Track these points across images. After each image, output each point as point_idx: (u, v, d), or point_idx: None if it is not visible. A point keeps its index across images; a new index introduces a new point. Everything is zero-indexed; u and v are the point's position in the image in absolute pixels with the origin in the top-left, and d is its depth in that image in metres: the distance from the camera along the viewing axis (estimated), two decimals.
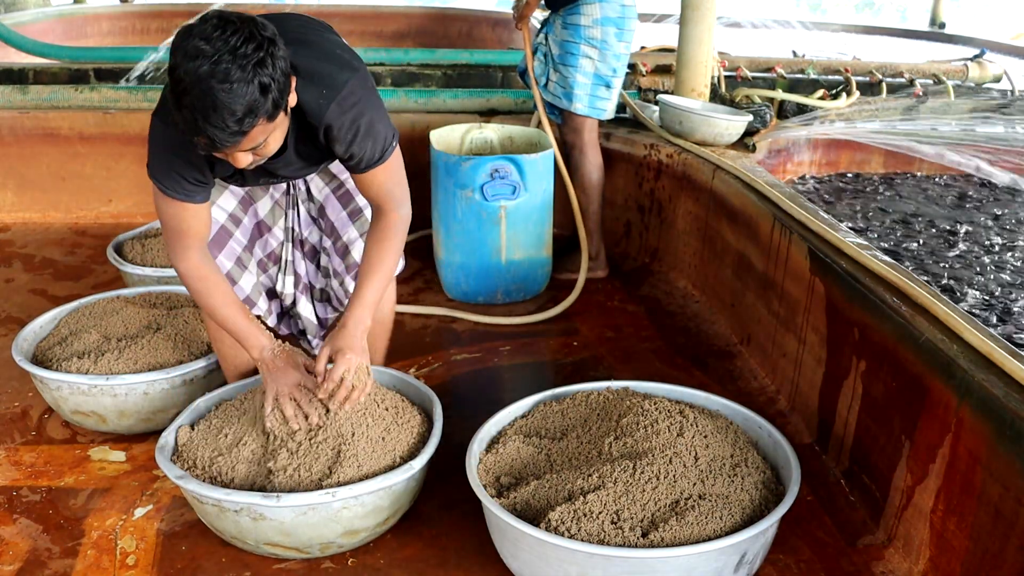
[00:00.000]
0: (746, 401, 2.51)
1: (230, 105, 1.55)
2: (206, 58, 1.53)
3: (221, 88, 1.54)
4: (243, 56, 1.55)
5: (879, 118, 4.33)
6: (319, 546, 1.95)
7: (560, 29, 3.36)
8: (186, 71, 1.54)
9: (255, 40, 1.57)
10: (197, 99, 1.55)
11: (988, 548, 1.71)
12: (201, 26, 1.56)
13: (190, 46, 1.54)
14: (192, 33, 1.56)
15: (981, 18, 11.89)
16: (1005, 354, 1.79)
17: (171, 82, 1.58)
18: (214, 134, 1.59)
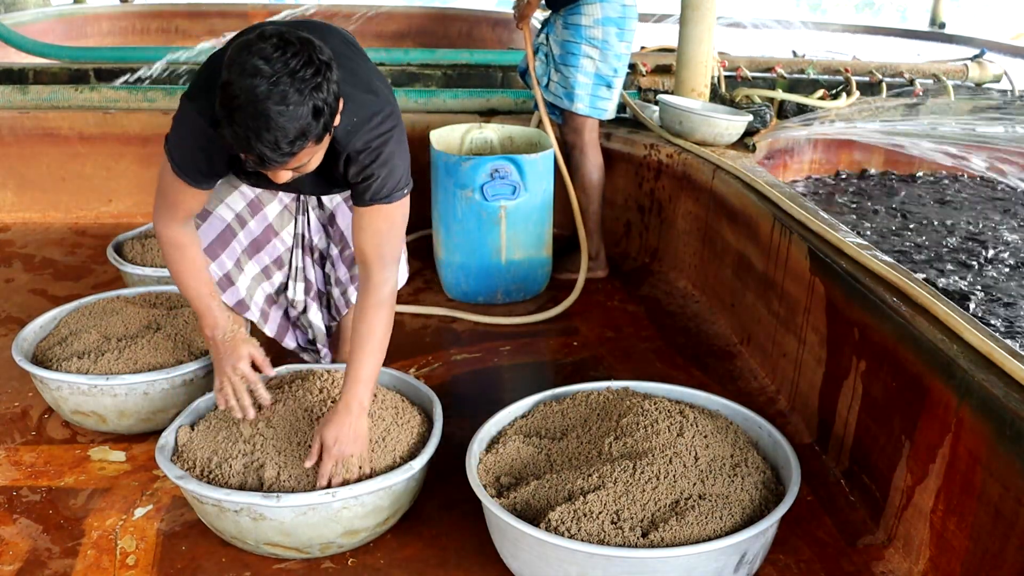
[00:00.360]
0: (746, 401, 2.51)
1: (284, 127, 1.56)
2: (264, 77, 1.53)
3: (277, 110, 1.54)
4: (301, 80, 1.55)
5: (879, 118, 4.34)
6: (319, 546, 1.95)
7: (561, 29, 3.35)
8: (242, 88, 1.53)
9: (313, 64, 1.57)
10: (251, 118, 1.55)
11: (988, 548, 1.71)
12: (260, 44, 1.55)
13: (248, 64, 1.54)
14: (251, 50, 1.55)
15: (981, 18, 11.89)
16: (1005, 354, 1.79)
17: (223, 96, 1.57)
18: (263, 152, 1.59)
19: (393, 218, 2.01)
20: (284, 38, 1.57)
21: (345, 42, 1.99)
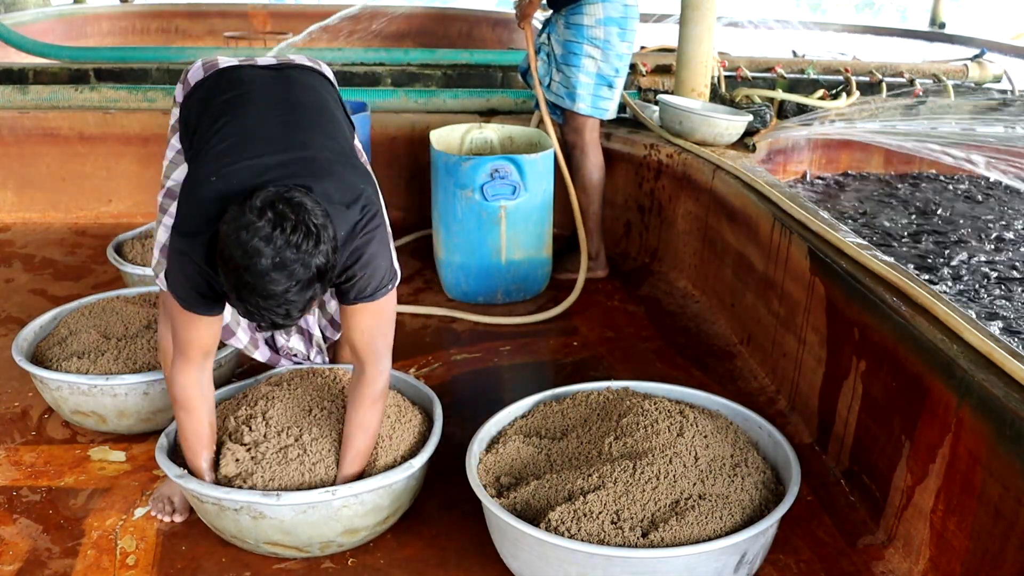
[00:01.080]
0: (746, 401, 2.51)
1: (294, 301, 1.62)
2: (267, 258, 1.57)
3: (285, 287, 1.59)
4: (306, 252, 1.59)
5: (879, 118, 4.34)
6: (319, 545, 1.95)
7: (563, 29, 3.35)
8: (248, 269, 1.57)
9: (312, 233, 1.60)
10: (261, 297, 1.60)
11: (988, 548, 1.71)
12: (256, 222, 1.58)
13: (250, 246, 1.57)
14: (248, 228, 1.57)
15: (981, 18, 11.89)
16: (1005, 354, 1.79)
17: (228, 275, 1.61)
18: (275, 322, 1.66)
19: (380, 313, 1.94)
20: (278, 212, 1.58)
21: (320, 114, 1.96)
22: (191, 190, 1.80)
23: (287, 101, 1.94)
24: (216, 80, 1.98)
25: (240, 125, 1.87)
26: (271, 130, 1.86)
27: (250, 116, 1.89)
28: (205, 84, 1.99)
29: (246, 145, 1.81)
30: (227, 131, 1.85)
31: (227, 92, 1.94)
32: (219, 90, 1.96)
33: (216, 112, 1.91)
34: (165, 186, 2.11)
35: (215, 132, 1.86)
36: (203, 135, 1.88)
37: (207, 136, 1.87)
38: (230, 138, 1.83)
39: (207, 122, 1.90)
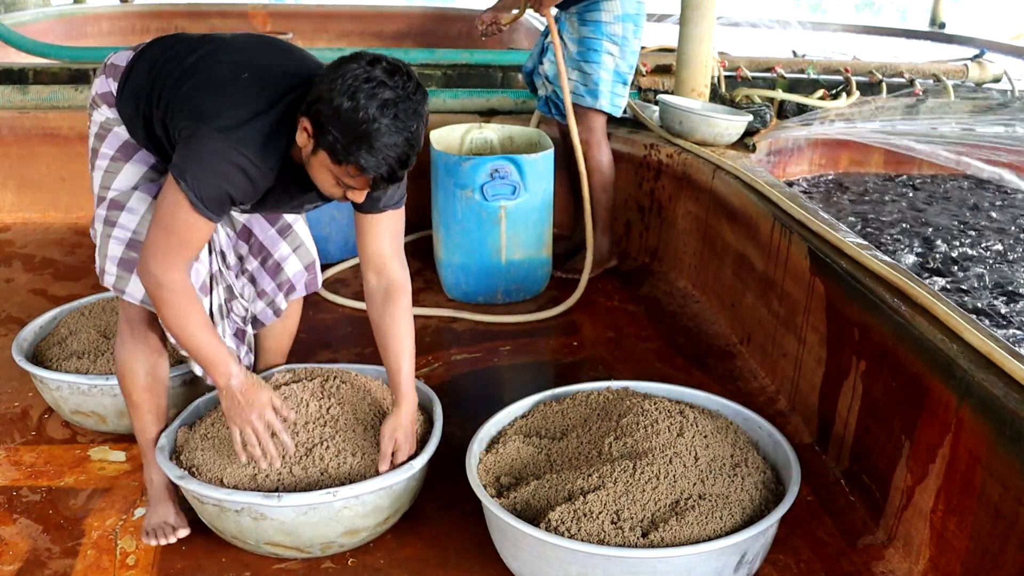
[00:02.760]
0: (746, 401, 2.51)
1: (418, 141, 1.72)
2: (397, 102, 1.65)
3: (412, 125, 1.68)
4: (420, 99, 1.71)
5: (879, 118, 4.33)
6: (320, 546, 1.95)
7: (578, 26, 3.32)
8: (378, 114, 1.63)
9: (414, 80, 1.71)
10: (393, 138, 1.66)
11: (988, 548, 1.72)
12: (373, 70, 1.65)
13: (378, 93, 1.64)
14: (370, 78, 1.64)
15: (981, 18, 11.89)
16: (1005, 354, 1.79)
17: (355, 125, 1.63)
18: (395, 171, 1.72)
19: (401, 218, 2.06)
20: (390, 63, 1.69)
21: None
22: (222, 87, 1.77)
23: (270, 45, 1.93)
24: (163, 45, 1.95)
25: (230, 49, 1.87)
26: (270, 55, 1.87)
27: (236, 50, 1.88)
28: (147, 53, 1.94)
29: (253, 59, 1.83)
30: (218, 53, 1.85)
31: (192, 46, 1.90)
32: (171, 47, 1.92)
33: (186, 58, 1.86)
34: (108, 197, 1.99)
35: (200, 54, 1.84)
36: (178, 72, 1.84)
37: (187, 65, 1.84)
38: (227, 55, 1.84)
39: (176, 68, 1.86)
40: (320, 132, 1.68)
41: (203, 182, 1.75)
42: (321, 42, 7.82)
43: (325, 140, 1.68)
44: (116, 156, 1.99)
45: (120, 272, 1.99)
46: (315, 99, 1.68)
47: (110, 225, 1.99)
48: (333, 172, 1.74)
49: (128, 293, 1.99)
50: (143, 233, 1.94)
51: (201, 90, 1.80)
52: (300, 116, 1.72)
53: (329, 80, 1.66)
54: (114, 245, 1.99)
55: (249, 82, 1.78)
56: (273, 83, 1.78)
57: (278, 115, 1.76)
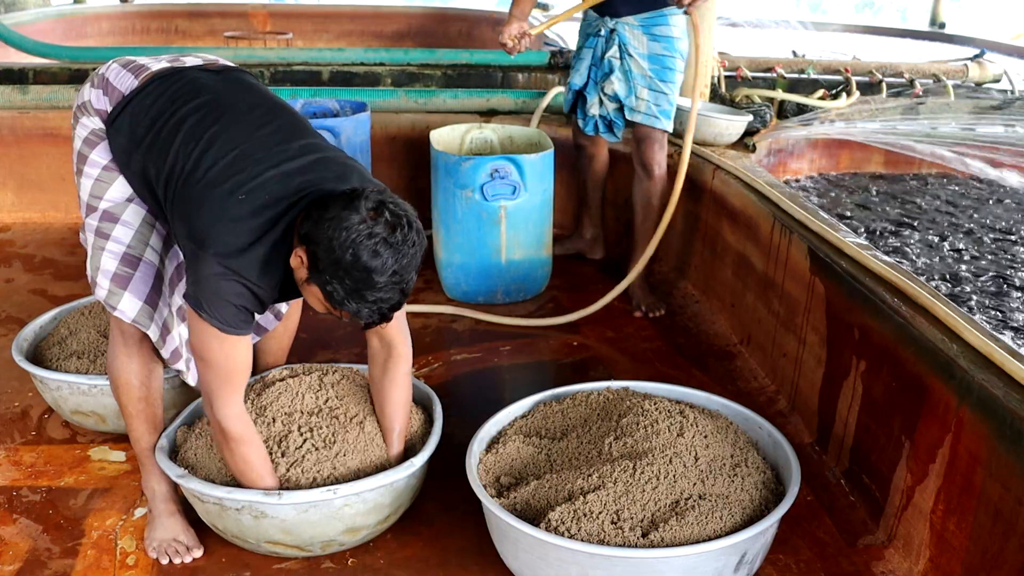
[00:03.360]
0: (746, 401, 2.51)
1: (409, 287, 1.75)
2: (395, 257, 1.67)
3: (409, 278, 1.73)
4: (420, 246, 1.73)
5: (879, 118, 4.33)
6: (320, 544, 1.95)
7: (648, 42, 3.08)
8: (377, 269, 1.66)
9: (416, 228, 1.72)
10: (391, 292, 1.70)
11: (988, 548, 1.71)
12: (375, 226, 1.65)
13: (382, 255, 1.65)
14: (372, 234, 1.65)
15: (981, 18, 11.89)
16: (1005, 354, 1.79)
17: (356, 277, 1.66)
18: (389, 316, 1.76)
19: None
20: (393, 213, 1.68)
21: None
22: (220, 210, 1.74)
23: (261, 105, 1.91)
24: (163, 87, 1.90)
25: (230, 136, 1.81)
26: (268, 137, 1.84)
27: (234, 125, 1.84)
28: (148, 92, 1.89)
29: (253, 156, 1.79)
30: (220, 144, 1.80)
31: (188, 100, 1.86)
32: (174, 99, 1.88)
33: (187, 124, 1.83)
34: (100, 208, 1.95)
35: (203, 146, 1.80)
36: (179, 151, 1.81)
37: (188, 152, 1.80)
38: (229, 151, 1.79)
39: (177, 136, 1.82)
40: (316, 273, 1.70)
41: (217, 306, 1.75)
42: (321, 42, 7.82)
43: (320, 281, 1.69)
44: (109, 166, 1.95)
45: (113, 287, 1.95)
46: (313, 239, 1.68)
47: (103, 237, 1.96)
48: (323, 303, 1.76)
49: (120, 310, 1.95)
50: (137, 248, 1.96)
51: (200, 209, 1.77)
52: (297, 242, 1.73)
53: (330, 227, 1.65)
54: (107, 259, 1.95)
55: (247, 202, 1.75)
56: (271, 199, 1.76)
57: (274, 238, 1.75)
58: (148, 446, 2.06)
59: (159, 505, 2.04)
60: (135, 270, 1.97)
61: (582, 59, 3.27)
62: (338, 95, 3.97)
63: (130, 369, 2.02)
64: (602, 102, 3.27)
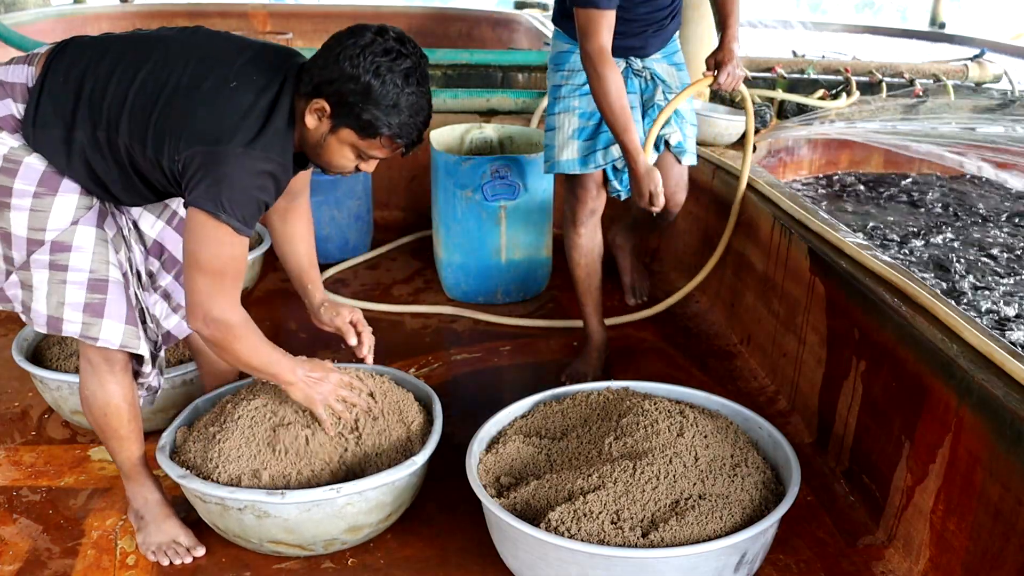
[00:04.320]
0: (746, 401, 2.51)
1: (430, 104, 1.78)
2: (413, 71, 1.70)
3: (425, 90, 1.74)
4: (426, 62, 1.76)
5: (879, 118, 4.34)
6: (323, 543, 1.95)
7: (677, 73, 2.78)
8: (400, 83, 1.68)
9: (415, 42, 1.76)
10: (416, 104, 1.71)
11: (988, 548, 1.72)
12: (387, 42, 1.68)
13: (402, 66, 1.68)
14: (388, 50, 1.68)
15: (981, 18, 11.89)
16: (1005, 354, 1.79)
17: (382, 96, 1.67)
18: (420, 133, 1.76)
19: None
20: (395, 31, 1.72)
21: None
22: (221, 103, 1.69)
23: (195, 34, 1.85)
24: (70, 58, 1.77)
25: (175, 54, 1.76)
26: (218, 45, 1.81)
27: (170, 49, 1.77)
28: (56, 69, 1.76)
29: (211, 57, 1.75)
30: (173, 60, 1.74)
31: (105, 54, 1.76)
32: (89, 60, 1.76)
33: (120, 67, 1.74)
34: (46, 240, 1.80)
35: (157, 69, 1.73)
36: (131, 89, 1.72)
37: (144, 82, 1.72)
38: (188, 60, 1.74)
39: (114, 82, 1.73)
40: (345, 112, 1.69)
41: (242, 202, 1.71)
42: (321, 42, 7.81)
43: (352, 118, 1.69)
44: (40, 192, 1.78)
45: (87, 319, 1.83)
46: (330, 80, 1.67)
47: (60, 269, 1.82)
48: (358, 147, 1.75)
49: (104, 339, 1.84)
50: (100, 269, 1.84)
51: (196, 112, 1.70)
52: (307, 100, 1.72)
53: (344, 59, 1.66)
54: (73, 290, 1.82)
55: (241, 87, 1.72)
56: (261, 79, 1.74)
57: (285, 109, 1.74)
58: (138, 459, 2.01)
59: (153, 510, 2.02)
60: (105, 293, 1.85)
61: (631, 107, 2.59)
62: None
63: (119, 394, 1.94)
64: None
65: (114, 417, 1.95)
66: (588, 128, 2.66)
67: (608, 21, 2.38)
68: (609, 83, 2.40)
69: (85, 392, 1.94)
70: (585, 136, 2.67)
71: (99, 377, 1.92)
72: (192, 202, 1.70)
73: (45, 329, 1.84)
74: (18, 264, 1.83)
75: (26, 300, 1.84)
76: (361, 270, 3.70)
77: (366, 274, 3.67)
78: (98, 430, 1.98)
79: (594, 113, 2.61)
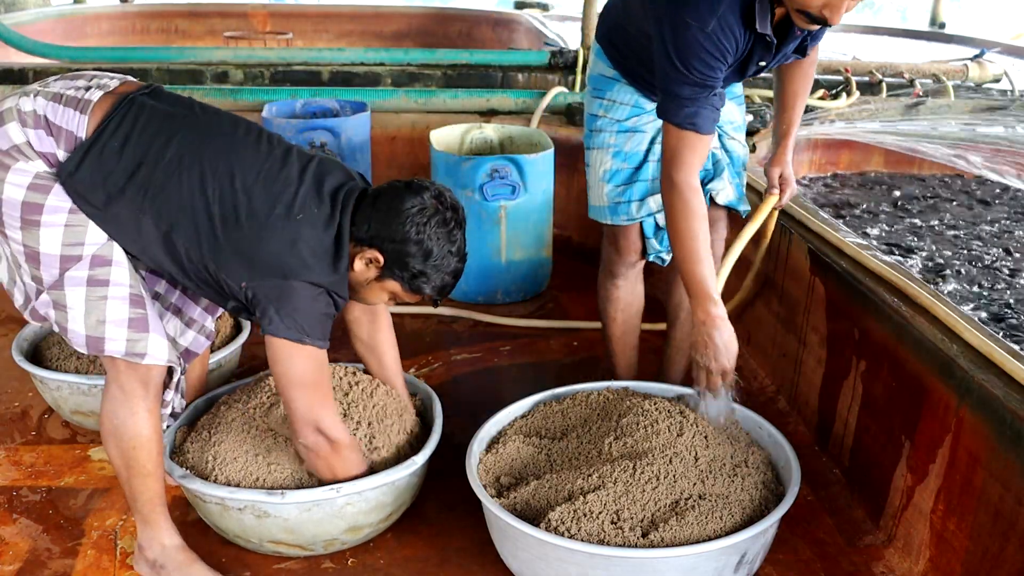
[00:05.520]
0: (746, 401, 2.50)
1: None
2: (457, 237, 1.86)
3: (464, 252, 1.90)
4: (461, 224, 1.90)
5: (879, 118, 4.33)
6: (323, 543, 1.95)
7: (737, 107, 2.40)
8: (450, 250, 1.84)
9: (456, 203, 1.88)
10: (457, 266, 1.86)
11: (988, 548, 1.72)
12: (445, 211, 1.83)
13: (455, 238, 1.84)
14: (445, 221, 1.82)
15: (981, 18, 11.89)
16: (1005, 354, 1.79)
17: (440, 264, 1.82)
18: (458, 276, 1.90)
19: None
20: (448, 195, 1.86)
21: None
22: (286, 240, 1.73)
23: (225, 117, 1.87)
24: (126, 124, 1.75)
25: (238, 159, 1.77)
26: (258, 147, 1.82)
27: (230, 148, 1.79)
28: (110, 131, 1.73)
29: (268, 173, 1.78)
30: (236, 171, 1.76)
31: (164, 133, 1.75)
32: (146, 135, 1.75)
33: (184, 162, 1.74)
34: (84, 255, 1.73)
35: (219, 180, 1.74)
36: (193, 191, 1.73)
37: (204, 189, 1.73)
38: (249, 175, 1.76)
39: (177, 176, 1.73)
40: (399, 269, 1.81)
41: (316, 327, 1.77)
42: (321, 42, 7.82)
43: (402, 274, 1.82)
44: (74, 208, 1.73)
45: (133, 334, 1.76)
46: (392, 238, 1.79)
47: (100, 285, 1.74)
48: (397, 295, 1.89)
49: (152, 356, 1.77)
50: (136, 285, 1.79)
51: (262, 243, 1.73)
52: (361, 247, 1.81)
53: (409, 224, 1.78)
54: (115, 306, 1.75)
55: (307, 221, 1.76)
56: (322, 213, 1.77)
57: (346, 254, 1.80)
58: (160, 500, 1.89)
59: (176, 557, 1.90)
60: (145, 308, 1.79)
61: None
62: (338, 95, 3.98)
63: (151, 424, 1.82)
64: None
65: (144, 451, 1.81)
66: (623, 172, 2.27)
67: (706, 147, 1.98)
68: (696, 224, 1.97)
69: (113, 422, 1.80)
70: (618, 181, 2.28)
71: (131, 405, 1.79)
72: (273, 332, 1.75)
73: (85, 350, 1.76)
74: (48, 284, 1.74)
75: (60, 320, 1.76)
76: None
77: None
78: (122, 466, 1.83)
79: (632, 155, 2.25)
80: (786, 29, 1.95)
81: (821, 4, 1.74)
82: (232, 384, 2.31)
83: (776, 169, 2.38)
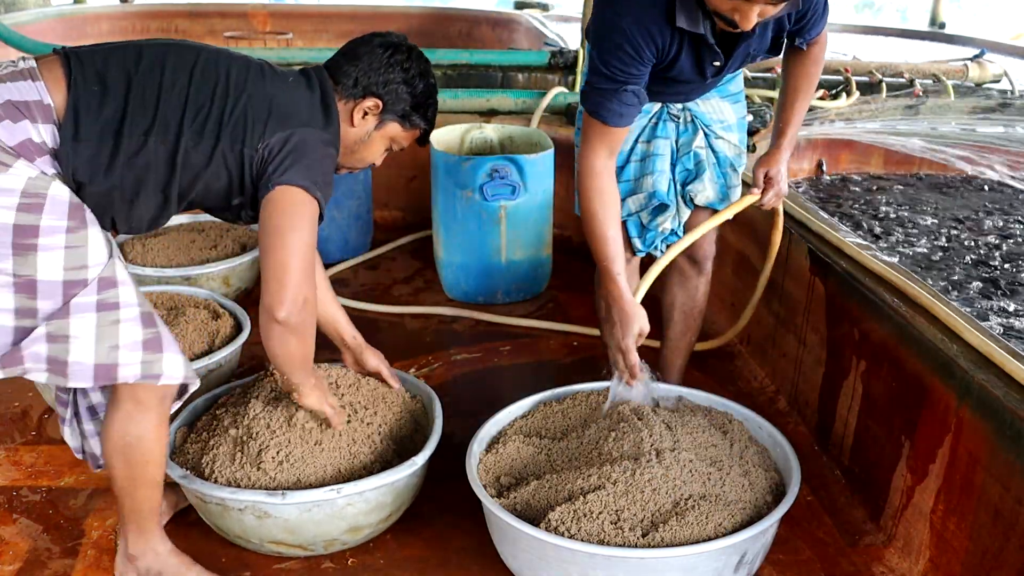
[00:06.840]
0: (746, 401, 2.50)
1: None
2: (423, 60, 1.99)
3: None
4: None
5: (879, 118, 4.34)
6: (323, 543, 1.95)
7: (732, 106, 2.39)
8: (432, 78, 1.99)
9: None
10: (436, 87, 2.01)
11: (988, 548, 1.72)
12: (413, 49, 1.96)
13: (424, 64, 1.97)
14: (421, 57, 1.97)
15: (981, 18, 11.89)
16: (1005, 354, 1.79)
17: (429, 89, 1.97)
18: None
19: None
20: (403, 39, 1.98)
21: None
22: (293, 95, 1.83)
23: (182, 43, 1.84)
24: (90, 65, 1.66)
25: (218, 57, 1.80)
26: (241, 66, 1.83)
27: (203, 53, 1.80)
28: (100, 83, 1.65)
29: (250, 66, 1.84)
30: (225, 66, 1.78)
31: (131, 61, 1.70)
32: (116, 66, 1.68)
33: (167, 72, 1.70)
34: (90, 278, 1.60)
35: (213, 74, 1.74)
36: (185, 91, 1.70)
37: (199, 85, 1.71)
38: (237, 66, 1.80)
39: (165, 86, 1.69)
40: (397, 108, 1.93)
41: (326, 183, 1.82)
42: (321, 42, 7.82)
43: (400, 113, 1.93)
44: (72, 225, 1.59)
45: (148, 356, 1.66)
46: (384, 82, 1.90)
47: (110, 309, 1.62)
48: (397, 138, 1.98)
49: (168, 375, 1.68)
50: (144, 303, 1.69)
51: (276, 98, 1.79)
52: (354, 100, 1.90)
53: (395, 64, 1.91)
54: (128, 329, 1.63)
55: (296, 83, 1.87)
56: (302, 79, 1.89)
57: (334, 106, 1.90)
58: (159, 509, 1.87)
59: (171, 561, 1.86)
60: (156, 327, 1.69)
61: (658, 155, 2.27)
62: None
63: (163, 438, 1.78)
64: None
65: (154, 464, 1.76)
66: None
67: (612, 140, 2.01)
68: (595, 203, 2.02)
69: (125, 440, 1.71)
70: None
71: (146, 423, 1.71)
72: (286, 180, 1.73)
73: (90, 382, 1.62)
74: (46, 315, 1.58)
75: (57, 355, 1.59)
76: (361, 270, 3.70)
77: (366, 274, 3.67)
78: (129, 479, 1.76)
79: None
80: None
81: (731, 7, 1.75)
82: (232, 384, 2.31)
83: (762, 169, 2.30)
